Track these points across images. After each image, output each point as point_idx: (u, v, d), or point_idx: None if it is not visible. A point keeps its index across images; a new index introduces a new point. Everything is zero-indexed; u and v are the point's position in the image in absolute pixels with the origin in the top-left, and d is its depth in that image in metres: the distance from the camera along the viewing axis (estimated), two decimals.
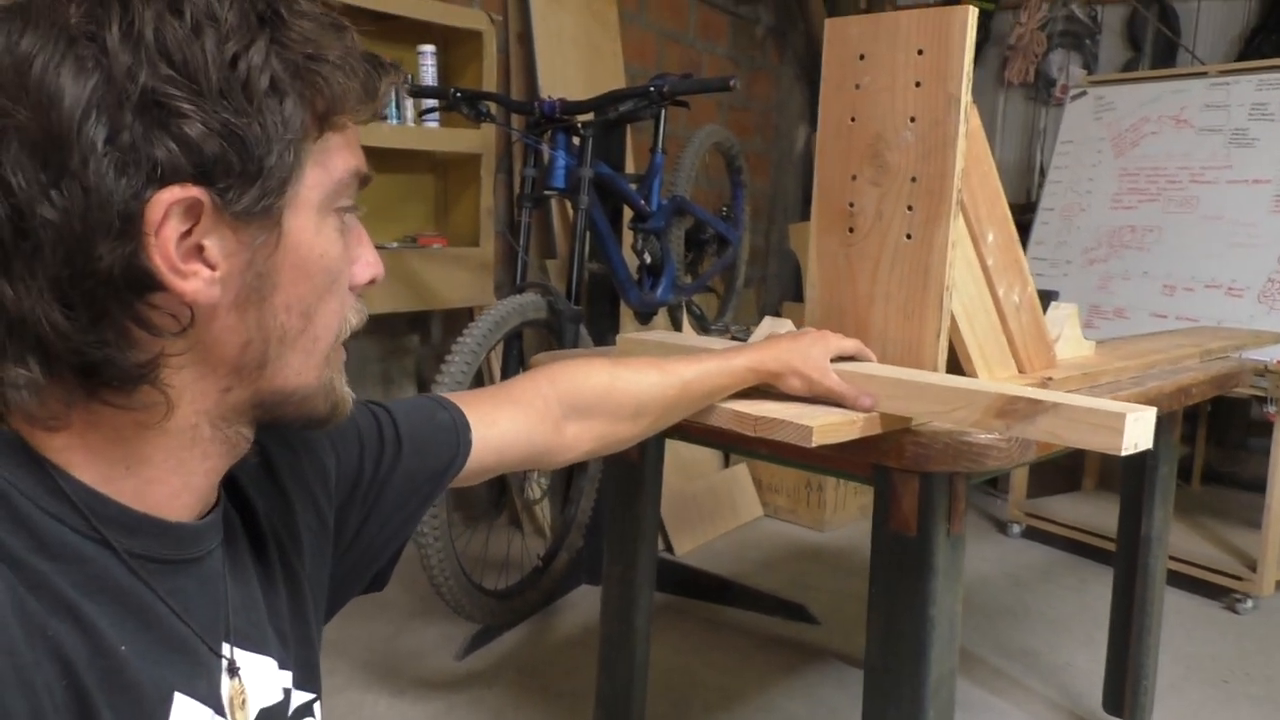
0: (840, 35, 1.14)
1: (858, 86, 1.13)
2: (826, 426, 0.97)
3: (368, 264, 0.66)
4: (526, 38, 2.95)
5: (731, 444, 1.32)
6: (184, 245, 0.54)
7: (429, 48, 2.53)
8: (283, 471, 0.73)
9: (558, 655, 2.22)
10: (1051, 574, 2.87)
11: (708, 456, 3.23)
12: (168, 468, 0.59)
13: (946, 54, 1.05)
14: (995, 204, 1.18)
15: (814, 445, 0.96)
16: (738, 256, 2.89)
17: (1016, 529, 3.16)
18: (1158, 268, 2.99)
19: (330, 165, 0.60)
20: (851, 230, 1.15)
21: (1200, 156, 2.98)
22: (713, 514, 3.08)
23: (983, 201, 1.16)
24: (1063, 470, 3.35)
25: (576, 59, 3.06)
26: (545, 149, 2.23)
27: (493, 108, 2.28)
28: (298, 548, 0.72)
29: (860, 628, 1.07)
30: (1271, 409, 2.57)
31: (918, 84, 1.08)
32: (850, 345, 1.09)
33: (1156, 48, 3.80)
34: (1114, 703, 1.91)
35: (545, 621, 2.37)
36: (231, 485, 0.68)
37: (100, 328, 0.54)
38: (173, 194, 0.53)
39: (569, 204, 2.34)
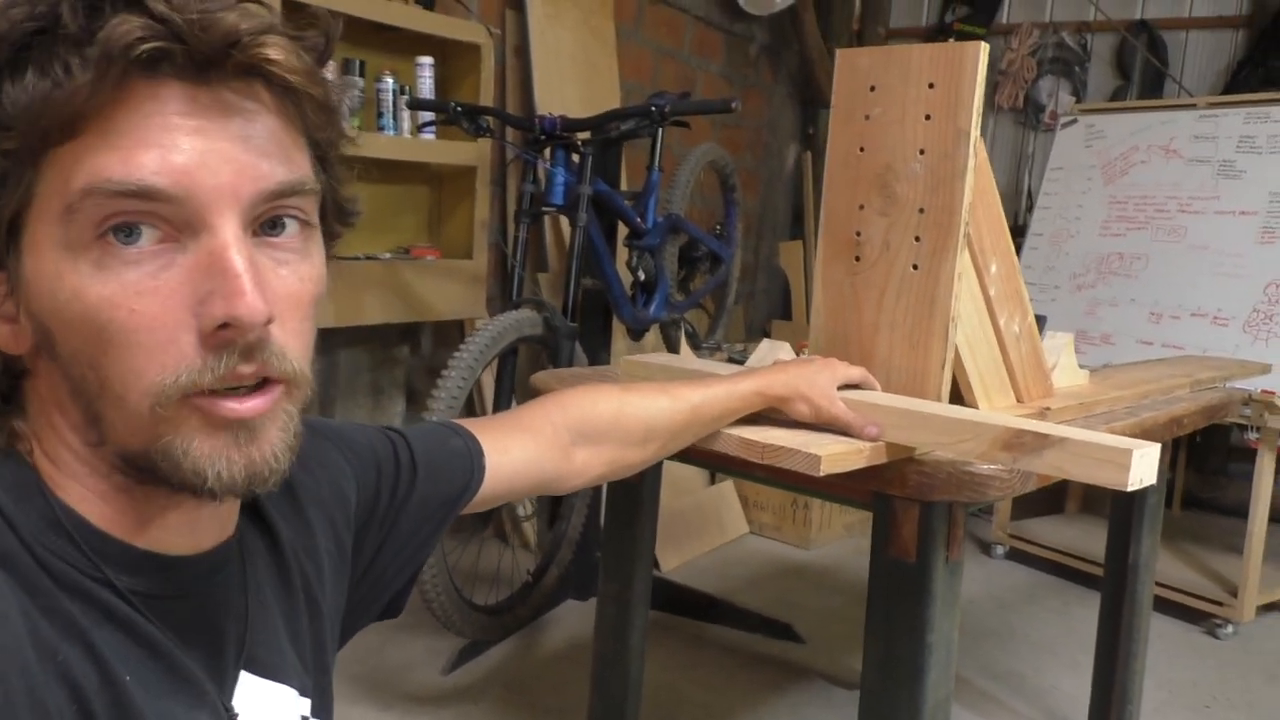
0: (851, 66, 1.15)
1: (867, 117, 1.14)
2: (834, 456, 0.98)
3: (221, 298, 0.50)
4: (524, 52, 2.96)
5: (731, 467, 1.32)
6: None
7: (427, 60, 2.54)
8: (305, 497, 0.72)
9: (545, 670, 2.21)
10: (1036, 596, 2.88)
11: (694, 473, 3.23)
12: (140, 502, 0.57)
13: (957, 89, 1.07)
14: (999, 235, 1.20)
15: (822, 474, 0.97)
16: (729, 274, 2.91)
17: (1000, 550, 3.18)
18: (1145, 295, 3.03)
19: (65, 185, 0.49)
20: (858, 259, 1.16)
21: (1189, 186, 3.02)
22: (699, 530, 3.08)
23: (987, 233, 1.17)
24: (1046, 492, 3.35)
25: (573, 74, 3.07)
26: (543, 165, 2.24)
27: (492, 123, 2.28)
28: (319, 574, 0.72)
29: (846, 646, 1.07)
30: (1254, 436, 2.60)
31: (928, 117, 1.09)
32: (856, 374, 1.10)
33: (1145, 77, 3.85)
34: None
35: (531, 637, 2.36)
36: (255, 509, 0.68)
37: None
38: None
39: (564, 219, 2.35)
